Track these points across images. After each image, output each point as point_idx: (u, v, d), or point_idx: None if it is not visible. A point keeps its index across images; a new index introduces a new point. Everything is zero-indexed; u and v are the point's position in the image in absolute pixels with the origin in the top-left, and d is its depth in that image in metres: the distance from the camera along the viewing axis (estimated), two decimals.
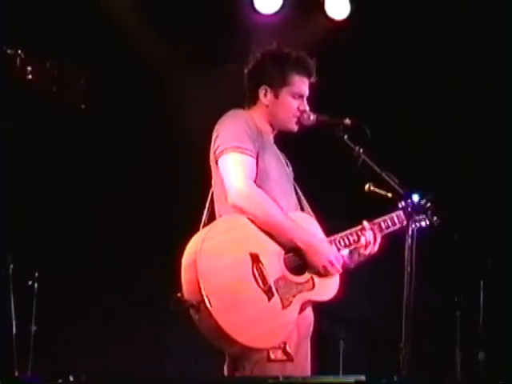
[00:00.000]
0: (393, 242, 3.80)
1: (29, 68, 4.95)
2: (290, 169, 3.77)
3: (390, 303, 3.96)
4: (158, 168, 6.20)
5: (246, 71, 3.73)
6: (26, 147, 5.67)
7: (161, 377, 5.23)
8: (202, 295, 3.17)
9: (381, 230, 3.72)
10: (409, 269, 3.33)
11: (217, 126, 3.56)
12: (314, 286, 3.45)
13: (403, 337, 3.28)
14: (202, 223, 3.56)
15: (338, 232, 3.80)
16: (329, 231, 3.80)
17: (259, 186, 3.44)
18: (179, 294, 3.26)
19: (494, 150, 6.34)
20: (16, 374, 5.01)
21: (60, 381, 2.97)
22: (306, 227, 3.51)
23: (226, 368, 3.46)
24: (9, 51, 4.88)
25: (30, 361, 5.23)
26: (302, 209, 3.70)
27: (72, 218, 6.00)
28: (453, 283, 6.20)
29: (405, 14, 6.16)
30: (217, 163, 3.50)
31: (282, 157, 3.72)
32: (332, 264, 3.46)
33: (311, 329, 3.59)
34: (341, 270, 3.51)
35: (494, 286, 6.00)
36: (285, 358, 3.31)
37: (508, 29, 6.01)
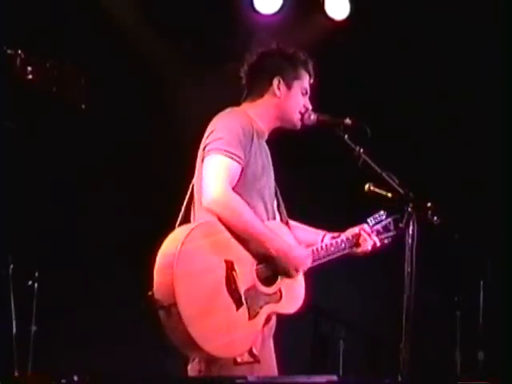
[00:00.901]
0: (393, 242, 3.81)
1: (29, 68, 4.95)
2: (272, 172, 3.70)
3: (390, 303, 3.96)
4: (159, 168, 6.20)
5: (250, 64, 3.69)
6: (25, 147, 5.67)
7: (161, 377, 5.22)
8: (174, 299, 3.15)
9: (343, 249, 3.73)
10: (409, 269, 3.33)
11: (213, 122, 3.53)
12: (281, 298, 3.44)
13: (403, 337, 3.28)
14: (180, 216, 3.54)
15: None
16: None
17: (242, 193, 3.39)
18: (150, 293, 3.24)
19: (494, 150, 6.34)
20: (16, 373, 5.01)
21: (63, 381, 2.97)
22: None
23: (190, 369, 3.44)
24: (9, 51, 4.87)
25: (30, 361, 5.22)
26: (280, 214, 3.66)
27: (72, 217, 6.00)
28: (453, 283, 6.20)
29: (405, 14, 6.16)
30: (203, 161, 3.47)
31: (270, 160, 3.66)
32: (303, 266, 3.48)
33: (273, 329, 3.58)
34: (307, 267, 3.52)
35: (494, 286, 6.00)
36: (251, 359, 3.31)
37: (508, 29, 6.01)
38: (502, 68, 6.16)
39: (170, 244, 3.29)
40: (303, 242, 3.63)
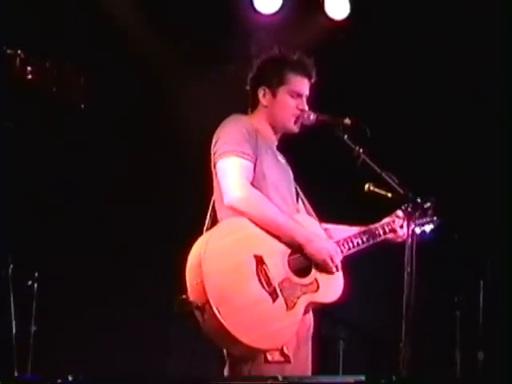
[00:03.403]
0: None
1: (29, 68, 4.95)
2: (291, 172, 3.76)
3: (390, 303, 3.96)
4: (159, 168, 6.20)
5: (249, 77, 3.77)
6: (25, 147, 5.66)
7: (161, 377, 5.23)
8: (206, 297, 3.20)
9: (378, 235, 3.75)
10: (409, 269, 3.33)
11: (217, 131, 3.60)
12: (318, 287, 3.48)
13: (403, 337, 3.28)
14: (205, 227, 3.58)
15: None
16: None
17: (258, 188, 3.46)
18: (184, 296, 3.29)
19: (494, 150, 6.34)
20: (16, 373, 5.00)
21: (59, 381, 2.97)
22: (307, 227, 3.53)
23: (225, 370, 3.48)
24: (9, 51, 4.87)
25: (29, 361, 5.22)
26: (306, 212, 3.70)
27: (72, 217, 6.00)
28: (453, 283, 6.20)
29: (405, 14, 6.16)
30: (215, 166, 3.53)
31: (283, 160, 3.73)
32: (332, 258, 3.50)
33: (311, 331, 3.60)
34: (339, 267, 3.54)
35: (493, 286, 6.00)
36: (282, 359, 3.33)
37: (508, 29, 6.01)
38: (503, 67, 6.16)
39: (197, 246, 3.35)
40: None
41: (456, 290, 6.10)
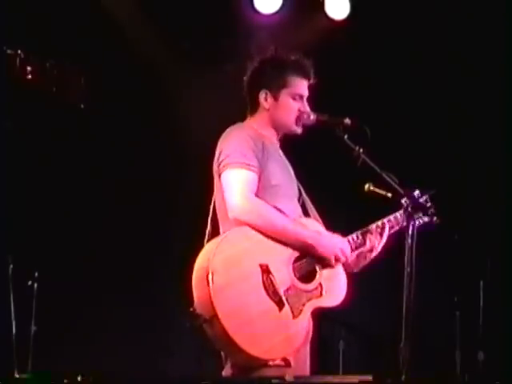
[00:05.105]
0: (393, 242, 3.81)
1: (29, 68, 4.96)
2: (292, 171, 3.75)
3: (390, 303, 3.96)
4: (158, 167, 6.20)
5: (245, 80, 3.74)
6: (25, 147, 5.67)
7: (161, 377, 5.23)
8: (214, 311, 3.19)
9: (384, 230, 3.74)
10: (409, 269, 3.33)
11: (220, 141, 3.57)
12: (322, 292, 3.48)
13: (403, 337, 3.28)
14: (207, 232, 3.56)
15: (338, 231, 3.81)
16: (328, 231, 3.80)
17: (264, 198, 3.44)
18: (191, 309, 3.28)
19: (494, 150, 6.34)
20: (16, 374, 5.01)
21: (66, 381, 2.97)
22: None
23: (224, 373, 3.47)
24: (9, 51, 4.88)
25: (29, 361, 5.22)
26: (308, 214, 3.69)
27: (72, 217, 6.00)
28: (453, 283, 6.20)
29: (405, 14, 6.16)
30: (220, 177, 3.52)
31: (287, 163, 3.72)
32: (342, 252, 3.52)
33: (310, 334, 3.59)
34: (350, 256, 3.55)
35: (493, 286, 6.00)
36: (282, 363, 3.33)
37: (509, 30, 6.01)
38: (504, 67, 6.16)
39: (202, 258, 3.33)
40: None
41: (456, 289, 6.10)
